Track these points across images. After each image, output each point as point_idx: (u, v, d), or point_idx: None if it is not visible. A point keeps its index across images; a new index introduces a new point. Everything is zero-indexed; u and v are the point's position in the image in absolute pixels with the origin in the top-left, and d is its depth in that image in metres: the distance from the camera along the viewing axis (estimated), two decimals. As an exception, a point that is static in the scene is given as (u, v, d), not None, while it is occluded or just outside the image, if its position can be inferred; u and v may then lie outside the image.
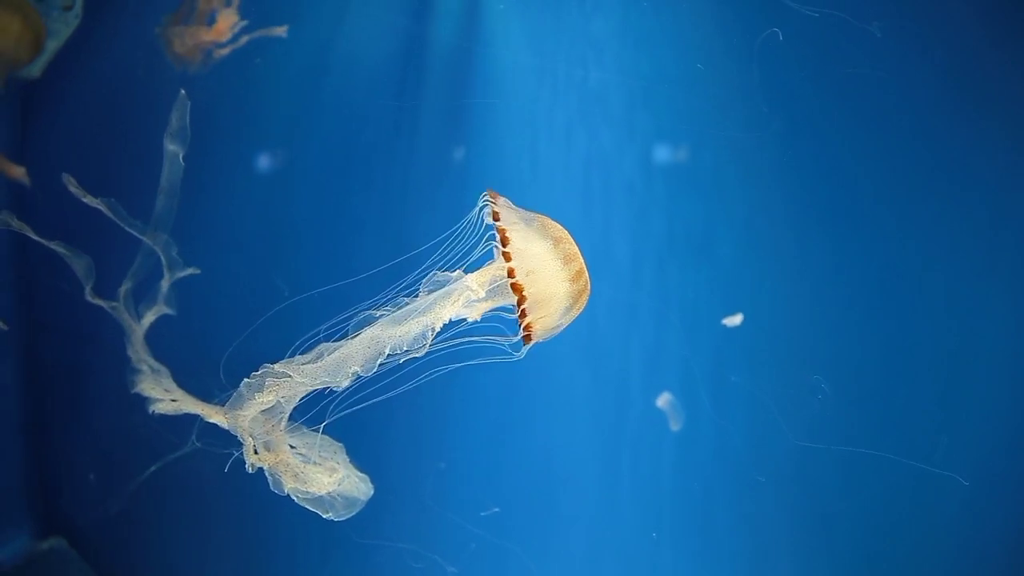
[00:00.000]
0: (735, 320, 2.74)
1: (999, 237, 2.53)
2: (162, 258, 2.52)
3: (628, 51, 2.82)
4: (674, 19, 2.79)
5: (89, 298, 2.49)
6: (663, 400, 2.83)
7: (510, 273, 1.62)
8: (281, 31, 2.80)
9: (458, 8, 2.85)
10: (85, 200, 2.44)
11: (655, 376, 2.87)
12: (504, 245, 1.64)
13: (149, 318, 2.51)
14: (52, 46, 2.88)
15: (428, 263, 1.75)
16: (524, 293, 1.62)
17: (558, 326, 1.74)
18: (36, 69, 2.90)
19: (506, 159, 2.89)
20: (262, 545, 3.05)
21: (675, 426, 2.80)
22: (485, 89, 2.86)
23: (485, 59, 2.85)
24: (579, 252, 1.73)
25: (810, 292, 2.73)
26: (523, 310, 1.63)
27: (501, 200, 1.74)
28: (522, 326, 1.65)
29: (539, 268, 1.65)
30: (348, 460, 1.85)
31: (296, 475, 1.72)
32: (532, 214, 1.76)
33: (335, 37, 2.88)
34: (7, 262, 3.02)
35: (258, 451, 1.70)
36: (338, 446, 1.86)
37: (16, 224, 2.55)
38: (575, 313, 1.76)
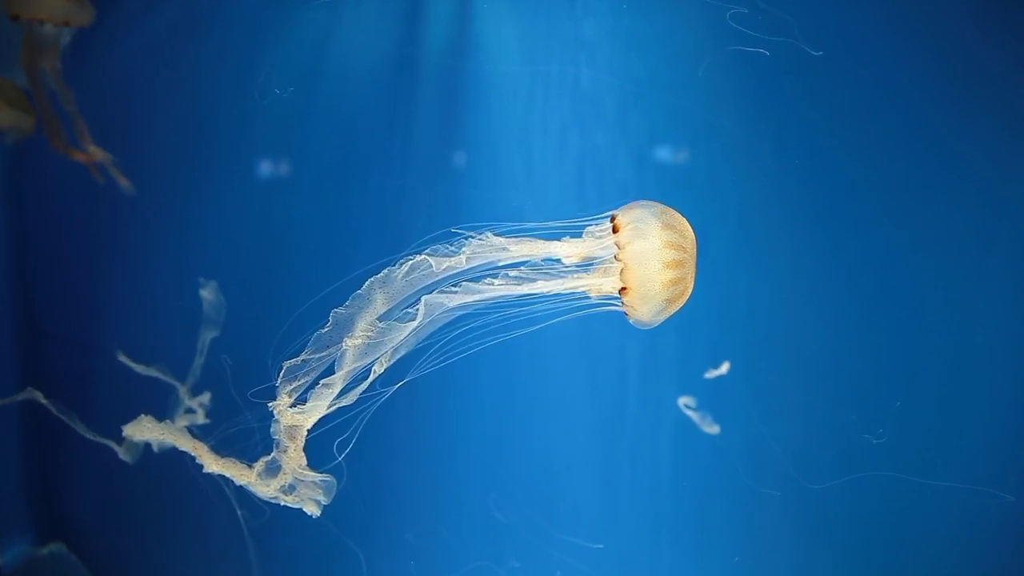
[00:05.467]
0: (721, 370, 2.75)
1: (996, 234, 2.53)
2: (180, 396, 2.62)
3: (619, 53, 2.84)
4: (665, 21, 2.80)
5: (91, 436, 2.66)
6: (688, 409, 2.82)
7: (614, 226, 1.68)
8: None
9: (449, 12, 2.86)
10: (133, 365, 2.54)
11: (652, 377, 2.88)
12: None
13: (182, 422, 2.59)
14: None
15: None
16: (623, 249, 1.66)
17: (655, 309, 1.75)
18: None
19: (501, 161, 2.90)
20: (263, 552, 3.06)
21: (712, 429, 2.79)
22: (478, 92, 2.87)
23: (478, 62, 2.86)
24: (690, 248, 1.76)
25: (806, 291, 2.74)
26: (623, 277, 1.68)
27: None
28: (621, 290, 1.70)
29: (644, 232, 1.68)
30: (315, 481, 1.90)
31: (293, 444, 1.79)
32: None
33: (328, 43, 2.90)
34: (7, 266, 3.03)
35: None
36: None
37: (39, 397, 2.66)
38: (671, 306, 1.78)
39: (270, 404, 1.78)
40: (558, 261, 1.77)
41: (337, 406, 1.79)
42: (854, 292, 2.69)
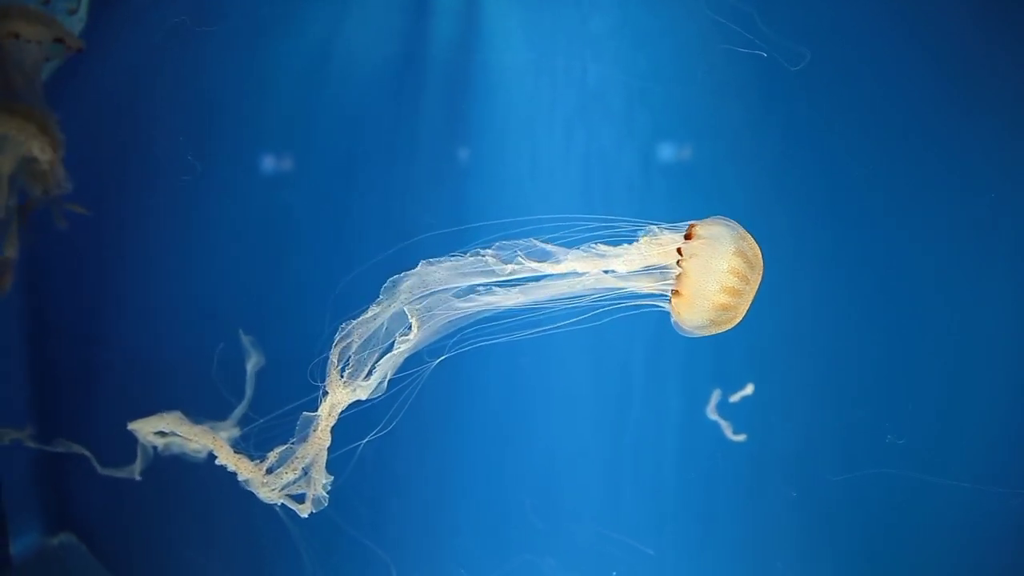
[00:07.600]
0: (746, 391, 2.77)
1: (996, 234, 2.56)
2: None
3: (626, 49, 2.85)
4: (670, 16, 2.82)
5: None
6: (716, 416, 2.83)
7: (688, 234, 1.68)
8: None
9: (456, 7, 2.87)
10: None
11: (657, 373, 2.91)
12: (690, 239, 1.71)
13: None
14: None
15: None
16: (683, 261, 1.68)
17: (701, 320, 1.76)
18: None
19: (506, 157, 2.91)
20: (270, 540, 3.08)
21: (738, 438, 2.80)
22: (485, 88, 2.88)
23: (484, 58, 2.87)
24: (754, 282, 1.76)
25: (809, 288, 2.75)
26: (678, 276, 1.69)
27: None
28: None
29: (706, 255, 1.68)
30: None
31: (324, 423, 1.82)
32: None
33: (335, 37, 2.91)
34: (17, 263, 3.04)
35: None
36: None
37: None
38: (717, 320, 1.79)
39: (325, 382, 1.79)
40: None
41: (384, 382, 1.81)
42: (854, 290, 2.71)
